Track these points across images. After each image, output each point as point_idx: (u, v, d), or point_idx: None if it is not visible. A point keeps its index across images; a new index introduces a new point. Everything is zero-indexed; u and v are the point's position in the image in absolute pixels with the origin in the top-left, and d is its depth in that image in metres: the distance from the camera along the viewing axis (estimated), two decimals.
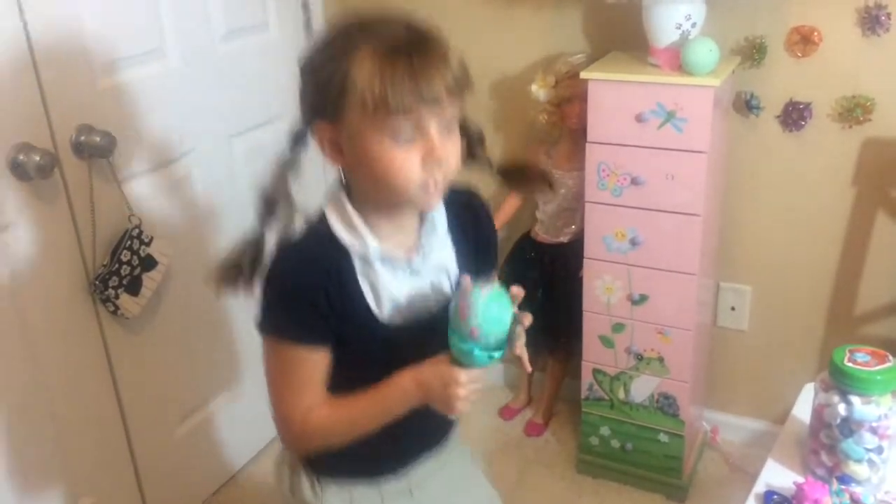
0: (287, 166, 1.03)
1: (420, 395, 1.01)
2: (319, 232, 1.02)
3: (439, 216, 1.07)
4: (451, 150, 0.97)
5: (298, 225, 1.06)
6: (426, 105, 0.93)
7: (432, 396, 1.00)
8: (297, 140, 1.02)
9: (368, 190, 1.00)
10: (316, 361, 1.04)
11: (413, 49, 0.93)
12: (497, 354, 0.97)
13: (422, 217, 1.06)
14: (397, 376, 1.01)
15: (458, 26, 2.22)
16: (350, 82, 0.93)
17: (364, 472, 1.16)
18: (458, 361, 0.97)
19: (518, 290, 1.00)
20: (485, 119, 2.23)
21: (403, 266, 1.04)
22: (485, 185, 1.16)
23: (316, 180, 1.15)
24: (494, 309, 0.95)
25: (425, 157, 0.95)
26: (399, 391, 1.01)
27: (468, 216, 1.13)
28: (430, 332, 1.01)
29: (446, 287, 1.08)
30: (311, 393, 1.05)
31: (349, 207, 1.02)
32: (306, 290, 1.00)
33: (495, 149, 2.30)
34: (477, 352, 0.95)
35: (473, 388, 0.99)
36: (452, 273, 1.09)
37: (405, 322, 1.05)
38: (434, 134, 0.94)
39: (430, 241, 1.06)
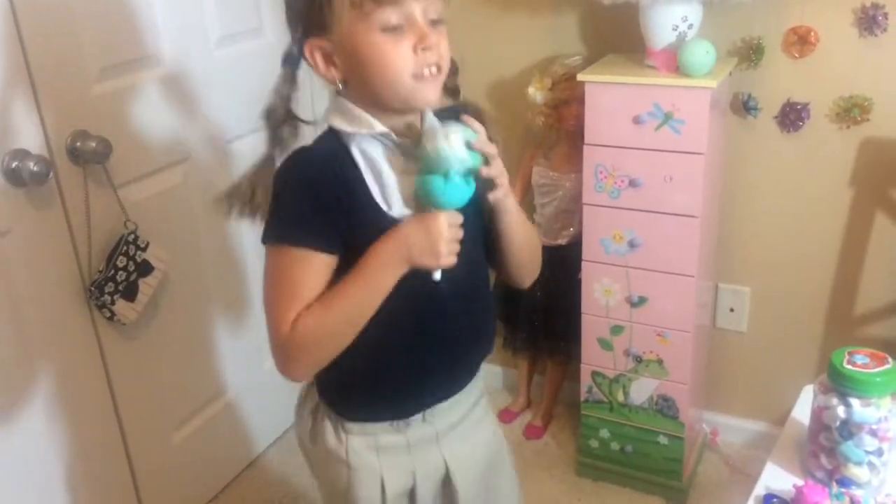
0: (285, 86, 1.05)
1: (402, 255, 0.98)
2: (325, 138, 1.04)
3: (432, 120, 1.07)
4: (440, 39, 0.99)
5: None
6: None
7: (415, 251, 0.98)
8: (290, 61, 1.04)
9: (366, 94, 1.01)
10: (317, 267, 1.00)
11: None
12: (465, 182, 0.97)
13: (421, 108, 1.05)
14: (375, 248, 0.99)
15: (454, 29, 2.22)
16: None
17: (390, 415, 1.13)
18: (433, 204, 0.98)
19: (474, 123, 1.01)
20: None
21: (409, 150, 1.03)
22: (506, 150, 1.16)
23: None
24: (454, 137, 0.96)
25: (416, 45, 0.96)
26: (380, 259, 0.99)
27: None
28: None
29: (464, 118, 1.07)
30: (304, 301, 1.00)
31: (349, 104, 1.02)
32: (312, 185, 1.00)
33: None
34: (445, 184, 0.96)
35: (455, 233, 0.99)
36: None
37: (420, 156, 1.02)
38: (422, 22, 0.97)
39: (432, 128, 1.04)
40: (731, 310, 2.12)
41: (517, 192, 2.14)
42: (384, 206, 1.02)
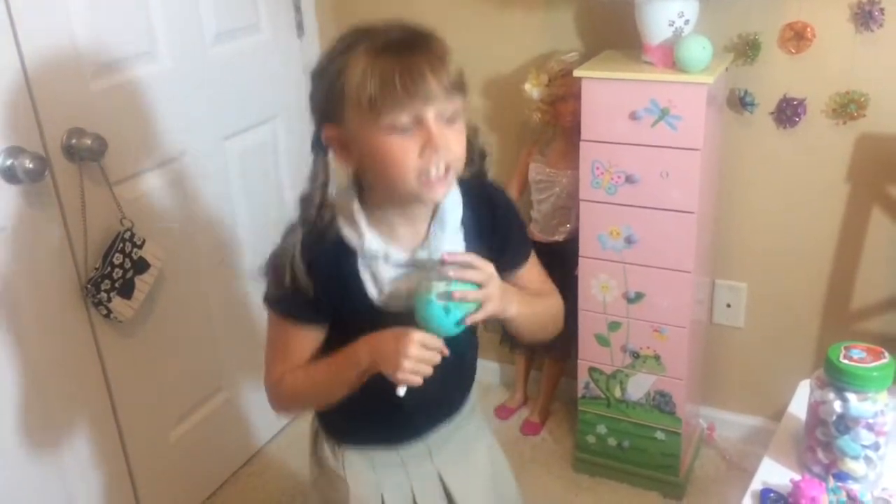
0: (317, 171, 1.06)
1: (370, 357, 1.04)
2: (326, 224, 1.06)
3: (451, 212, 1.09)
4: (452, 138, 0.99)
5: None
6: (419, 99, 0.95)
7: (379, 358, 1.03)
8: (316, 145, 1.05)
9: (375, 185, 1.04)
10: (303, 337, 1.12)
11: (404, 47, 0.97)
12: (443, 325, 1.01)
13: (434, 213, 1.08)
14: (358, 340, 1.06)
15: (451, 26, 2.21)
16: (346, 82, 0.96)
17: (383, 440, 1.21)
18: (422, 325, 1.02)
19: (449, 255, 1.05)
20: (478, 118, 2.22)
21: (405, 262, 1.07)
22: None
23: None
24: (440, 311, 1.01)
25: (424, 146, 0.97)
26: (353, 356, 1.06)
27: (486, 209, 1.15)
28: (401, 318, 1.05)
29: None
30: (291, 361, 1.12)
31: (355, 206, 1.06)
32: (307, 266, 1.05)
33: (489, 148, 2.30)
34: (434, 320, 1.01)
35: (425, 355, 1.01)
36: None
37: (404, 309, 1.06)
38: (431, 123, 0.96)
39: (437, 236, 1.08)
40: (728, 305, 2.12)
41: (514, 189, 2.14)
42: (373, 295, 1.08)
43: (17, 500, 1.63)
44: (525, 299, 1.13)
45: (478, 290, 1.03)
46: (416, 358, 1.00)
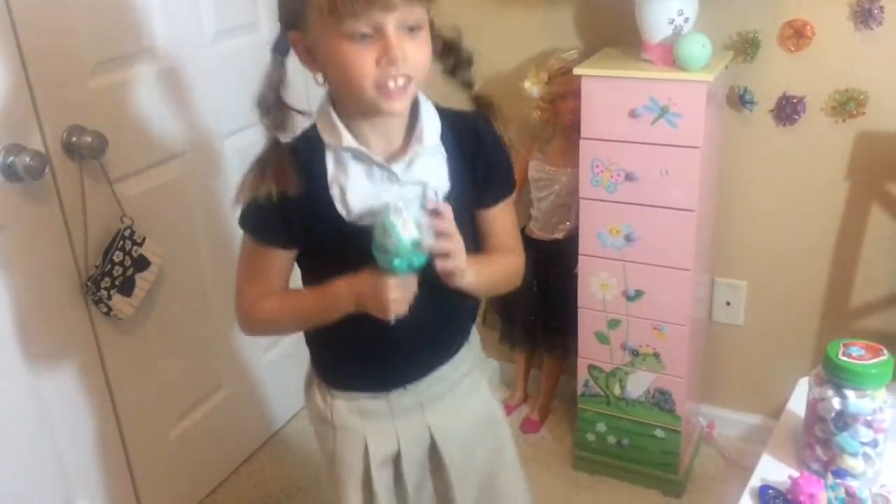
0: (274, 73, 1.06)
1: (353, 301, 1.05)
2: (308, 132, 1.08)
3: (429, 127, 1.09)
4: (412, 50, 0.98)
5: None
6: (378, 7, 0.94)
7: (365, 302, 1.04)
8: (278, 49, 1.05)
9: (339, 93, 1.05)
10: (274, 258, 1.12)
11: None
12: (416, 263, 1.01)
13: (411, 128, 1.08)
14: (336, 281, 1.06)
15: (451, 23, 2.22)
16: None
17: (371, 387, 1.20)
18: (385, 270, 1.01)
19: (436, 205, 1.04)
20: None
21: (379, 170, 1.06)
22: None
23: None
24: (403, 233, 0.99)
25: (380, 57, 0.96)
26: (334, 295, 1.07)
27: (472, 139, 1.14)
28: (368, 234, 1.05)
29: (422, 197, 1.09)
30: (263, 284, 1.14)
31: (330, 109, 1.06)
32: (276, 184, 1.04)
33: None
34: (396, 262, 0.99)
35: (404, 292, 1.02)
36: (441, 188, 1.10)
37: (372, 224, 1.05)
38: (391, 33, 0.96)
39: (416, 149, 1.07)
40: (728, 303, 2.13)
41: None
42: (343, 212, 1.07)
43: (17, 498, 1.63)
44: (482, 269, 1.11)
45: (443, 248, 1.02)
46: (397, 300, 1.01)
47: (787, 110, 1.88)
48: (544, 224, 2.12)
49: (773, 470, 1.10)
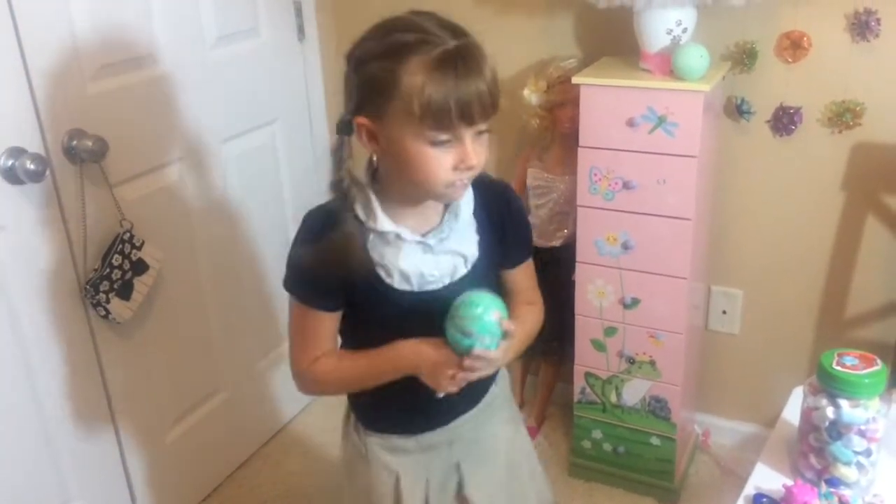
0: (341, 154, 1.08)
1: (412, 368, 1.11)
2: (341, 205, 1.10)
3: (465, 204, 1.15)
4: (480, 152, 1.04)
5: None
6: (466, 124, 1.00)
7: (423, 371, 1.10)
8: (342, 129, 1.07)
9: (396, 179, 1.09)
10: (323, 320, 1.16)
11: (462, 65, 0.99)
12: (492, 347, 1.07)
13: (447, 205, 1.14)
14: (399, 345, 1.11)
15: None
16: (398, 87, 0.99)
17: (405, 429, 1.25)
18: (452, 348, 1.07)
19: (508, 324, 1.09)
20: None
21: (416, 244, 1.12)
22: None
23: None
24: (487, 319, 1.06)
25: (457, 163, 1.02)
26: (393, 359, 1.12)
27: (499, 206, 1.21)
28: (436, 304, 1.10)
29: (461, 270, 1.15)
30: (316, 346, 1.17)
31: (370, 193, 1.10)
32: (321, 251, 1.09)
33: (488, 152, 2.31)
34: (476, 345, 1.06)
35: (464, 375, 1.08)
36: (471, 258, 1.16)
37: (415, 289, 1.13)
38: (468, 142, 1.02)
39: (451, 226, 1.14)
40: (724, 312, 2.13)
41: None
42: (385, 277, 1.12)
43: (13, 501, 1.63)
44: (516, 344, 1.17)
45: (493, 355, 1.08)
46: (453, 380, 1.09)
47: (784, 121, 1.89)
48: (542, 231, 2.13)
49: (767, 478, 1.10)
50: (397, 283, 1.12)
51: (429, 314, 1.09)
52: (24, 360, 1.60)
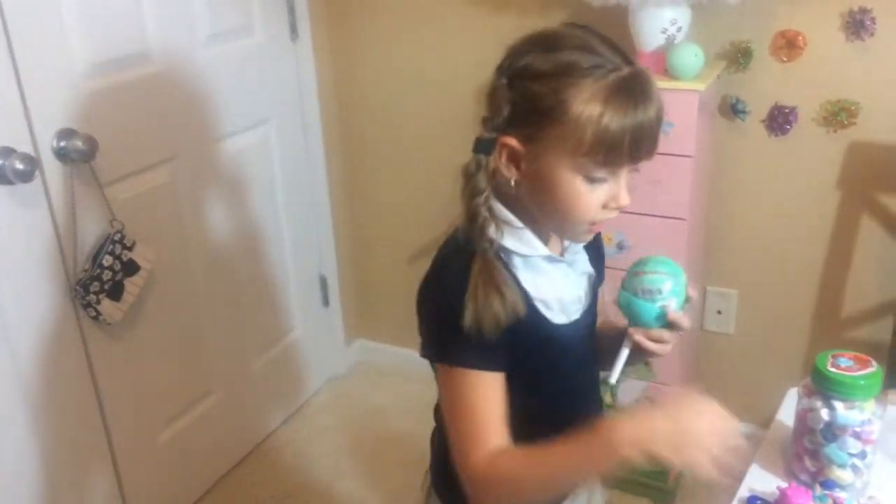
0: (478, 178, 0.94)
1: (641, 442, 0.84)
2: (478, 237, 0.94)
3: None
4: (630, 188, 0.94)
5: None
6: (633, 159, 0.91)
7: (659, 440, 0.83)
8: (483, 147, 0.94)
9: (532, 207, 0.96)
10: (495, 389, 0.95)
11: (639, 96, 0.88)
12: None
13: (575, 241, 1.04)
14: (604, 427, 0.87)
15: (445, 31, 2.23)
16: (566, 114, 0.87)
17: None
18: (633, 317, 0.99)
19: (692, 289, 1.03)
20: (471, 123, 2.21)
21: (561, 265, 1.01)
22: None
23: None
24: (680, 276, 1.00)
25: (608, 201, 0.93)
26: (610, 439, 0.86)
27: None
28: (579, 337, 1.03)
29: (588, 293, 1.07)
30: (492, 430, 0.94)
31: (513, 216, 0.96)
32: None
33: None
34: (657, 306, 0.97)
35: (656, 347, 1.00)
36: (592, 277, 1.08)
37: (569, 320, 1.02)
38: (623, 181, 0.92)
39: (572, 246, 1.04)
40: (719, 312, 2.13)
41: None
42: (544, 311, 0.98)
43: (1, 499, 1.62)
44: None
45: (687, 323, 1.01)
46: (712, 445, 0.85)
47: (780, 120, 1.88)
48: None
49: (761, 480, 1.09)
50: (556, 317, 0.99)
51: (580, 351, 1.01)
52: (14, 362, 1.59)
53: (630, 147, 0.88)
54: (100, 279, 1.66)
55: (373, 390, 2.59)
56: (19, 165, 1.49)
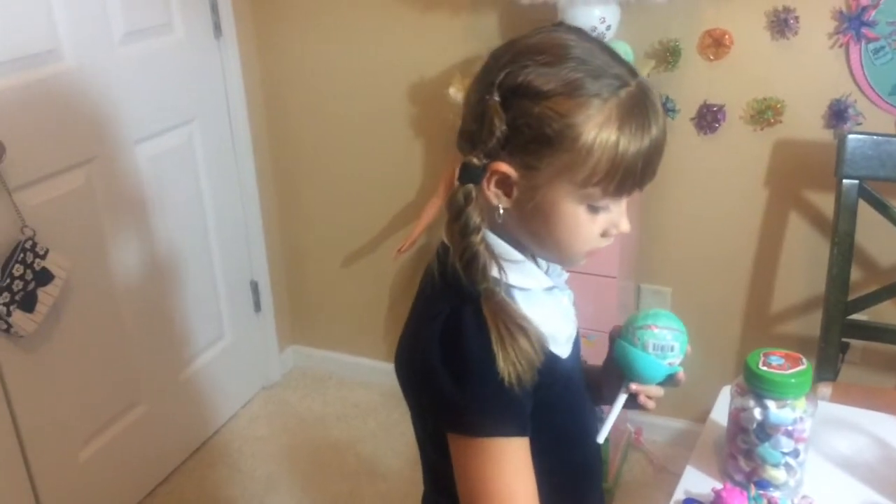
0: (472, 217, 0.82)
1: None
2: (480, 280, 0.82)
3: None
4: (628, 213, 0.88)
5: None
6: (641, 186, 0.83)
7: None
8: (471, 175, 0.82)
9: (525, 238, 0.87)
10: (522, 456, 0.84)
11: (651, 113, 0.80)
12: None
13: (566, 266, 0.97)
14: None
15: (375, 29, 2.19)
16: (576, 140, 0.77)
17: None
18: (636, 373, 0.93)
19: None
20: (403, 123, 2.18)
21: (557, 290, 0.93)
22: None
23: None
24: (685, 335, 0.95)
25: (608, 228, 0.85)
26: None
27: None
28: (577, 371, 0.97)
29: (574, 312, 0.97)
30: None
31: (512, 250, 0.86)
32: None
33: (414, 153, 2.27)
34: (666, 364, 0.93)
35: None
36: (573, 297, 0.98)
37: (569, 353, 0.92)
38: (624, 209, 0.85)
39: (553, 268, 0.94)
40: None
41: (441, 195, 2.10)
42: (556, 350, 0.88)
43: None
44: None
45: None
46: None
47: (708, 118, 1.90)
48: None
49: (697, 482, 1.08)
50: (563, 351, 0.90)
51: (580, 386, 0.94)
52: None
53: (642, 171, 0.81)
54: (10, 290, 1.57)
55: (308, 397, 2.53)
56: None
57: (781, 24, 1.76)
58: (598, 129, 0.77)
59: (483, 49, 2.15)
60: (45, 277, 1.63)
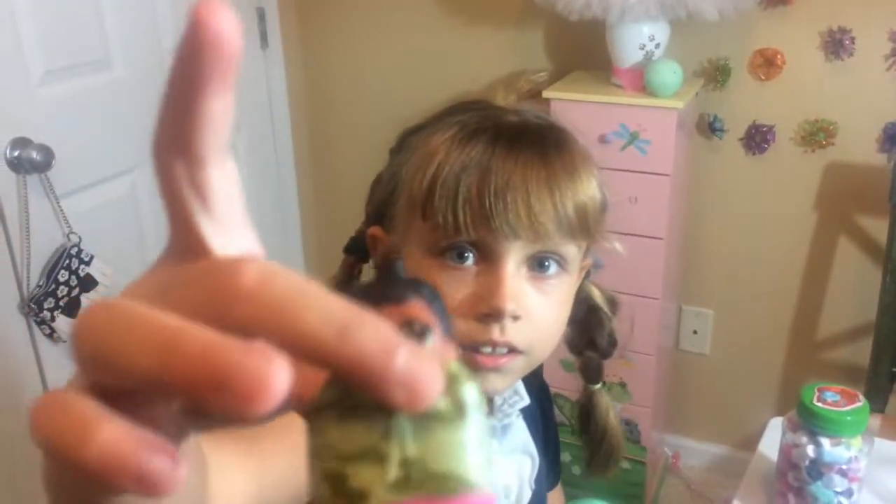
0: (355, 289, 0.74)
1: None
2: None
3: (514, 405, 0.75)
4: (534, 303, 0.63)
5: None
6: (502, 232, 0.60)
7: None
8: (354, 248, 0.74)
9: None
10: None
11: (508, 140, 0.62)
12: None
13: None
14: None
15: (418, 43, 2.18)
16: (403, 172, 0.67)
17: None
18: None
19: None
20: None
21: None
22: None
23: None
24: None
25: (482, 296, 0.61)
26: None
27: (543, 399, 0.87)
28: None
29: (525, 489, 0.80)
30: None
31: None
32: None
33: None
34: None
35: None
36: (536, 465, 0.82)
37: None
38: (507, 268, 0.61)
39: (514, 399, 0.75)
40: (695, 332, 2.10)
41: None
42: None
43: None
44: None
45: None
46: None
47: (757, 139, 1.86)
48: None
49: None
50: None
51: None
52: None
53: (479, 204, 0.60)
54: (55, 295, 1.59)
55: None
56: None
57: (836, 44, 1.72)
58: (421, 153, 0.69)
59: (528, 64, 2.16)
60: (89, 284, 1.65)
